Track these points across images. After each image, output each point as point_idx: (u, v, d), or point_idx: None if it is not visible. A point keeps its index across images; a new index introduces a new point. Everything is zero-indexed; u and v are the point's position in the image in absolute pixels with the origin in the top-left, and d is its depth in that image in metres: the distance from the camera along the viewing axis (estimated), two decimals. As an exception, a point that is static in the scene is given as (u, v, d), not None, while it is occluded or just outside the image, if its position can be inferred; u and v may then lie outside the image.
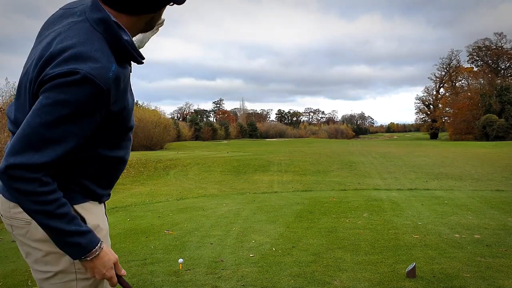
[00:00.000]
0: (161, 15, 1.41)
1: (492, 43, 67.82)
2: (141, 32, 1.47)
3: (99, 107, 1.24)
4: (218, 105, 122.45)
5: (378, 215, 6.46)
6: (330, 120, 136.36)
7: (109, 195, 1.59)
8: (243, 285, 3.48)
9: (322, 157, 22.34)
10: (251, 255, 4.35)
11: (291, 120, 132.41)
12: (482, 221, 5.80)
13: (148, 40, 1.90)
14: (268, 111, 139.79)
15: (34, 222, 1.32)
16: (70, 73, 1.17)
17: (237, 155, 25.06)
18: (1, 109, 19.27)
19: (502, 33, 67.24)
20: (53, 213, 1.22)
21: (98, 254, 1.31)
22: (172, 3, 1.36)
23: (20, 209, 1.31)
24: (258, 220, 6.35)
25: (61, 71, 1.18)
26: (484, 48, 68.46)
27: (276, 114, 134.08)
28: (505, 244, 4.57)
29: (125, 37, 1.29)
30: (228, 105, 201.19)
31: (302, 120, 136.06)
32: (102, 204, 1.55)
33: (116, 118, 1.36)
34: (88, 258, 1.29)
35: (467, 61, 71.97)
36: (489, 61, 68.78)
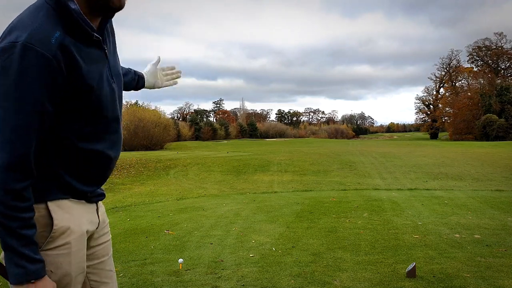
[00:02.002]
0: None
1: (492, 43, 67.82)
2: (99, 9, 1.31)
3: (48, 78, 1.17)
4: (218, 105, 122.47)
5: (378, 215, 6.46)
6: (330, 120, 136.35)
7: (101, 194, 1.52)
8: (243, 285, 3.48)
9: (322, 157, 22.34)
10: (251, 255, 4.35)
11: (291, 120, 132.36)
12: (482, 221, 5.80)
13: (162, 85, 2.02)
14: (268, 111, 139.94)
15: None
16: (8, 47, 1.14)
17: (237, 155, 25.06)
18: None
19: (502, 33, 67.26)
20: (13, 232, 1.19)
21: (37, 281, 1.25)
22: None
23: None
24: (258, 220, 6.35)
25: (1, 46, 1.16)
26: (484, 48, 68.44)
27: (276, 114, 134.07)
28: (505, 244, 4.57)
29: (72, 6, 1.23)
30: (228, 105, 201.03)
31: (302, 120, 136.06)
32: (92, 204, 1.48)
33: (82, 100, 1.27)
34: (26, 284, 1.24)
35: (467, 61, 72.00)
36: (489, 61, 68.75)
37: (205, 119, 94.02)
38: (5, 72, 1.14)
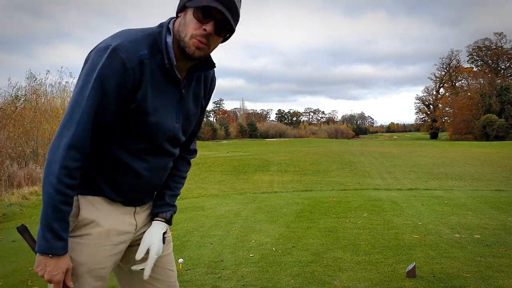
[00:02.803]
0: (195, 21, 1.40)
1: (492, 43, 67.82)
2: (181, 52, 1.45)
3: (121, 81, 1.34)
4: (218, 105, 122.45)
5: (378, 215, 6.46)
6: (330, 120, 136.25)
7: (140, 200, 1.60)
8: (243, 285, 3.48)
9: (322, 157, 22.34)
10: (251, 255, 4.35)
11: (291, 120, 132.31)
12: (482, 221, 5.80)
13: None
14: (268, 111, 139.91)
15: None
16: (104, 48, 1.35)
17: (237, 155, 25.06)
18: (1, 109, 19.26)
19: (502, 33, 67.28)
20: (55, 205, 1.33)
21: (55, 257, 1.36)
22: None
23: None
24: (258, 220, 6.35)
25: (97, 45, 1.38)
26: (484, 48, 68.44)
27: (276, 114, 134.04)
28: (505, 244, 4.57)
29: (167, 39, 1.43)
30: (228, 105, 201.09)
31: (302, 120, 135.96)
32: (129, 207, 1.56)
33: (137, 117, 1.41)
34: (44, 256, 1.35)
35: (467, 61, 72.01)
36: (489, 61, 68.76)
37: (205, 119, 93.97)
38: (93, 66, 1.34)
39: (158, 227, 1.62)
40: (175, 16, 1.48)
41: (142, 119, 1.42)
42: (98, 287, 1.52)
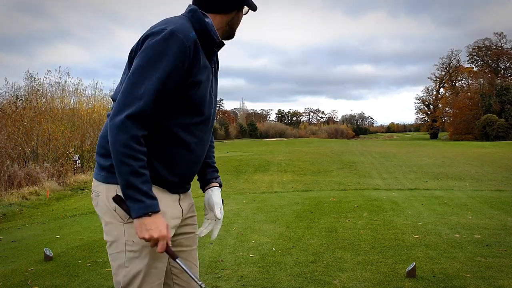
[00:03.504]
0: (238, 20, 1.72)
1: (492, 43, 67.84)
2: (227, 33, 1.72)
3: (180, 59, 1.46)
4: (218, 105, 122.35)
5: (378, 215, 6.46)
6: (330, 120, 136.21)
7: (183, 187, 1.69)
8: (243, 285, 3.48)
9: (322, 157, 22.34)
10: (251, 255, 4.35)
11: (291, 120, 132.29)
12: (482, 221, 5.80)
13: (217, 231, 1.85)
14: (268, 111, 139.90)
15: (101, 195, 1.54)
16: (159, 31, 1.47)
17: (237, 155, 25.06)
18: (1, 109, 19.26)
19: (502, 33, 67.31)
20: (136, 171, 1.41)
21: (153, 215, 1.44)
22: (245, 11, 1.73)
23: (97, 183, 1.57)
24: (258, 220, 6.35)
25: (152, 30, 1.49)
26: (484, 48, 68.45)
27: (276, 114, 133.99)
28: (505, 244, 4.57)
29: (207, 20, 1.59)
30: (228, 105, 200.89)
31: (302, 120, 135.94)
32: (174, 195, 1.65)
33: (190, 92, 1.54)
34: (143, 217, 1.43)
35: (467, 61, 72.03)
36: (489, 61, 68.77)
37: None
38: (152, 48, 1.45)
39: (218, 190, 1.82)
40: (194, 6, 1.65)
41: (195, 93, 1.55)
42: (161, 270, 1.59)
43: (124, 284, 1.52)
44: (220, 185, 1.86)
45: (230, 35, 1.73)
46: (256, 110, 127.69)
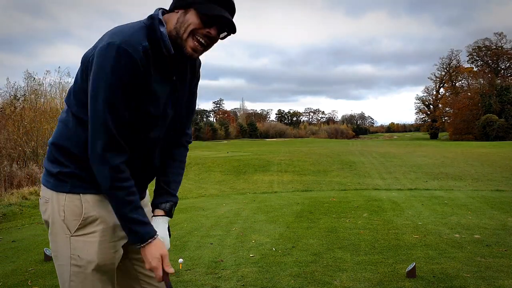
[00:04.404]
0: (199, 22, 1.47)
1: (492, 43, 67.81)
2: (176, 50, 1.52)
3: (132, 75, 1.39)
4: (218, 105, 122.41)
5: (378, 215, 6.46)
6: (330, 120, 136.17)
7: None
8: (243, 285, 3.48)
9: (322, 157, 22.33)
10: (251, 255, 4.35)
11: (291, 120, 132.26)
12: (482, 221, 5.80)
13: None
14: (268, 111, 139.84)
15: (50, 202, 1.49)
16: (104, 47, 1.38)
17: (237, 155, 25.06)
18: (1, 110, 19.26)
19: (502, 33, 67.29)
20: (122, 200, 1.42)
21: (149, 244, 1.46)
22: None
23: (46, 190, 1.51)
24: (258, 220, 6.35)
25: (97, 47, 1.41)
26: (484, 48, 68.43)
27: (276, 114, 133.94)
28: (505, 244, 4.57)
29: (161, 29, 1.47)
30: (228, 105, 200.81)
31: (302, 120, 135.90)
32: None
33: (143, 105, 1.47)
34: (142, 246, 1.47)
35: (467, 61, 72.01)
36: (489, 61, 68.75)
37: (205, 119, 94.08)
38: (103, 67, 1.36)
39: (163, 223, 1.64)
40: (162, 8, 1.54)
41: (149, 107, 1.48)
42: (106, 282, 1.54)
43: None
44: (167, 212, 1.65)
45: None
46: (256, 110, 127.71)
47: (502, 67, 68.52)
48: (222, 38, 1.55)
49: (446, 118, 70.86)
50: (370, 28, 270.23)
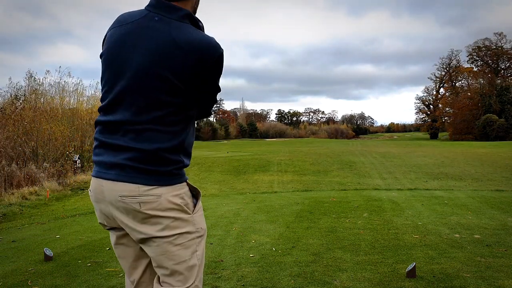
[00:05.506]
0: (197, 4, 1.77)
1: (492, 43, 67.82)
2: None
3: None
4: (218, 105, 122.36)
5: (378, 215, 6.46)
6: (330, 120, 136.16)
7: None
8: (243, 285, 3.48)
9: (322, 157, 22.33)
10: (251, 255, 4.35)
11: (291, 120, 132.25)
12: (482, 221, 5.80)
13: None
14: (268, 111, 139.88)
15: (163, 196, 1.63)
16: (219, 47, 1.66)
17: (237, 155, 25.06)
18: (1, 110, 19.26)
19: (502, 33, 67.30)
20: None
21: None
22: None
23: (150, 187, 1.61)
24: (258, 220, 6.35)
25: (217, 45, 1.64)
26: (484, 48, 68.44)
27: (276, 114, 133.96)
28: (505, 244, 4.57)
29: (200, 24, 1.70)
30: (228, 105, 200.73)
31: (302, 120, 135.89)
32: None
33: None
34: None
35: (467, 61, 72.02)
36: (489, 61, 68.77)
37: (205, 119, 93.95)
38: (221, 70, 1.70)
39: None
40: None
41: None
42: None
43: (200, 263, 1.76)
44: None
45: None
46: (256, 110, 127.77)
47: (502, 67, 68.53)
48: None
49: (446, 118, 70.90)
50: (371, 27, 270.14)
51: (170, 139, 1.63)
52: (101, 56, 1.72)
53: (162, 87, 1.57)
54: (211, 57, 1.59)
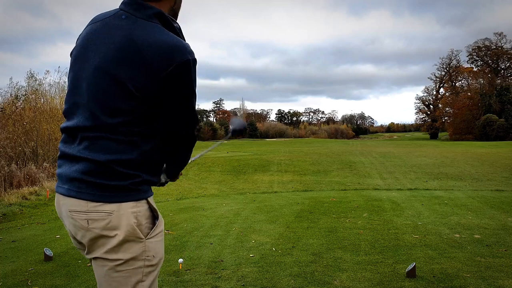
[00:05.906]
0: (180, 5, 1.66)
1: (492, 43, 67.83)
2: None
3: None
4: (218, 105, 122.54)
5: (378, 215, 6.46)
6: (330, 120, 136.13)
7: None
8: (243, 285, 3.48)
9: (322, 157, 22.34)
10: (251, 255, 4.35)
11: (291, 120, 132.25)
12: (482, 221, 5.80)
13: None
14: (268, 111, 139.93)
15: (114, 213, 1.45)
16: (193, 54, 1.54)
17: (237, 155, 25.06)
18: (1, 110, 19.27)
19: (502, 33, 67.31)
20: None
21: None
22: None
23: (99, 204, 1.44)
24: (258, 220, 6.35)
25: (189, 50, 1.49)
26: (484, 48, 68.45)
27: (276, 114, 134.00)
28: (505, 244, 4.57)
29: (175, 24, 1.56)
30: (228, 105, 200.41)
31: (302, 120, 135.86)
32: None
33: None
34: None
35: (467, 61, 72.03)
36: (489, 61, 68.76)
37: (205, 119, 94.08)
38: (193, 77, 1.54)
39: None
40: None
41: None
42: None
43: None
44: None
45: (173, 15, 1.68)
46: (256, 110, 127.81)
47: (502, 67, 68.54)
48: None
49: (446, 118, 70.91)
50: (372, 27, 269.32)
51: (127, 151, 1.46)
52: (70, 54, 1.61)
53: (118, 93, 1.41)
54: (174, 62, 1.41)
